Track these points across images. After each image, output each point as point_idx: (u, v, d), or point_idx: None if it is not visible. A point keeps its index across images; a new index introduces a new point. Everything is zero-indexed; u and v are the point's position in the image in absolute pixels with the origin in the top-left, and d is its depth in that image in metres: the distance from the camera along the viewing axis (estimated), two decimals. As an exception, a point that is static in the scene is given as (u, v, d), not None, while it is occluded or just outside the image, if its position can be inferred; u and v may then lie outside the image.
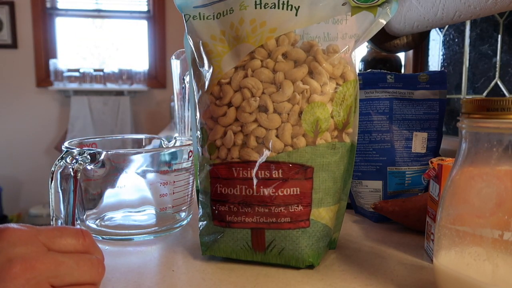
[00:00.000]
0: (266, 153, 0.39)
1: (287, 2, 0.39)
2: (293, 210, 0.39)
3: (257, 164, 0.39)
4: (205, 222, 0.43)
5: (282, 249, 0.40)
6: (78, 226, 0.50)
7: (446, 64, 0.85)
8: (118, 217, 0.50)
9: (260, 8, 0.39)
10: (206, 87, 0.42)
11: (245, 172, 0.39)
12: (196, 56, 0.43)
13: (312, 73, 0.39)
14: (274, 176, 0.39)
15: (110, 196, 0.49)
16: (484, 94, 0.74)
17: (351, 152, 0.43)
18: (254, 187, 0.39)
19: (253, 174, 0.39)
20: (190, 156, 0.51)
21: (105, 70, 3.20)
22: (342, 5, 0.40)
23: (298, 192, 0.39)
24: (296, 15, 0.39)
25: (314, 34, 0.40)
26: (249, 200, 0.39)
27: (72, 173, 0.42)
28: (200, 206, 0.44)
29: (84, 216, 0.49)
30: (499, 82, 0.71)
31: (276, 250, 0.40)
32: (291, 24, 0.39)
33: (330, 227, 0.42)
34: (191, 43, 0.44)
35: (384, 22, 0.41)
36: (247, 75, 0.40)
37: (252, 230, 0.40)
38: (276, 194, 0.39)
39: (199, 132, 0.44)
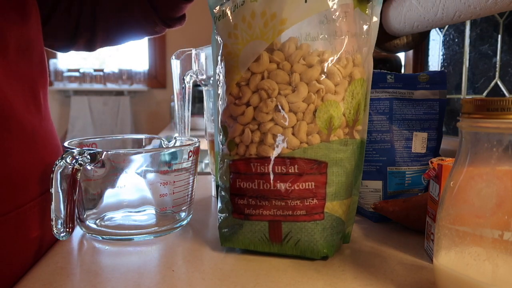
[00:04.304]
0: (283, 150, 0.41)
1: None
2: (308, 203, 0.41)
3: (274, 160, 0.41)
4: (225, 214, 0.45)
5: (298, 241, 0.41)
6: (78, 226, 0.50)
7: (446, 64, 0.85)
8: (118, 217, 0.50)
9: None
10: (226, 87, 0.44)
11: (262, 168, 0.41)
12: (220, 55, 0.45)
13: (325, 73, 0.41)
14: (290, 171, 0.40)
15: (110, 196, 0.49)
16: (484, 94, 0.74)
17: (361, 149, 0.45)
18: (271, 181, 0.41)
19: (270, 169, 0.41)
20: (190, 156, 0.51)
21: (105, 70, 3.20)
22: None
23: (313, 186, 0.41)
24: (305, 1, 0.40)
25: (316, 34, 0.41)
26: (267, 194, 0.41)
27: (72, 173, 0.42)
28: (219, 200, 0.46)
29: (84, 216, 0.49)
30: (499, 82, 0.71)
31: (292, 241, 0.41)
32: (300, 12, 0.40)
33: (343, 220, 0.43)
34: (217, 42, 0.45)
35: (378, 18, 0.43)
36: (263, 77, 0.41)
37: (269, 223, 0.42)
38: (292, 188, 0.40)
39: (221, 130, 0.45)
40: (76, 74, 3.17)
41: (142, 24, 0.63)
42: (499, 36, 0.70)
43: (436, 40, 0.88)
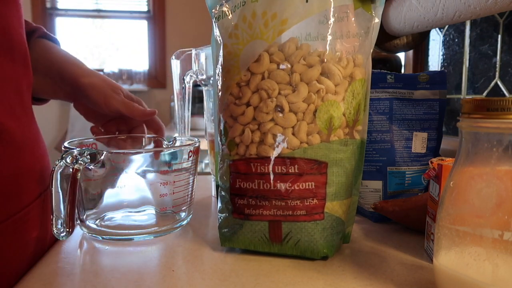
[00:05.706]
0: (283, 150, 0.41)
1: None
2: (308, 203, 0.41)
3: (274, 160, 0.41)
4: (225, 214, 0.45)
5: (298, 241, 0.41)
6: (78, 226, 0.50)
7: (446, 64, 0.85)
8: (118, 217, 0.50)
9: None
10: (226, 87, 0.44)
11: (262, 168, 0.41)
12: (220, 56, 0.45)
13: (326, 73, 0.41)
14: (290, 171, 0.41)
15: (110, 196, 0.49)
16: (484, 94, 0.74)
17: (361, 149, 0.45)
18: (271, 181, 0.41)
19: (270, 169, 0.41)
20: (190, 156, 0.51)
21: (105, 70, 3.20)
22: None
23: (313, 186, 0.41)
24: (306, 1, 0.40)
25: (316, 34, 0.41)
26: (267, 194, 0.41)
27: (72, 173, 0.42)
28: (219, 200, 0.46)
29: (84, 216, 0.49)
30: (499, 82, 0.71)
31: (292, 241, 0.42)
32: (301, 12, 0.40)
33: (343, 220, 0.43)
34: (217, 42, 0.45)
35: (379, 19, 0.43)
36: (264, 77, 0.41)
37: (269, 223, 0.42)
38: (292, 188, 0.41)
39: (222, 130, 0.45)
40: (76, 74, 3.16)
41: None
42: (499, 36, 0.70)
43: (436, 40, 0.88)
